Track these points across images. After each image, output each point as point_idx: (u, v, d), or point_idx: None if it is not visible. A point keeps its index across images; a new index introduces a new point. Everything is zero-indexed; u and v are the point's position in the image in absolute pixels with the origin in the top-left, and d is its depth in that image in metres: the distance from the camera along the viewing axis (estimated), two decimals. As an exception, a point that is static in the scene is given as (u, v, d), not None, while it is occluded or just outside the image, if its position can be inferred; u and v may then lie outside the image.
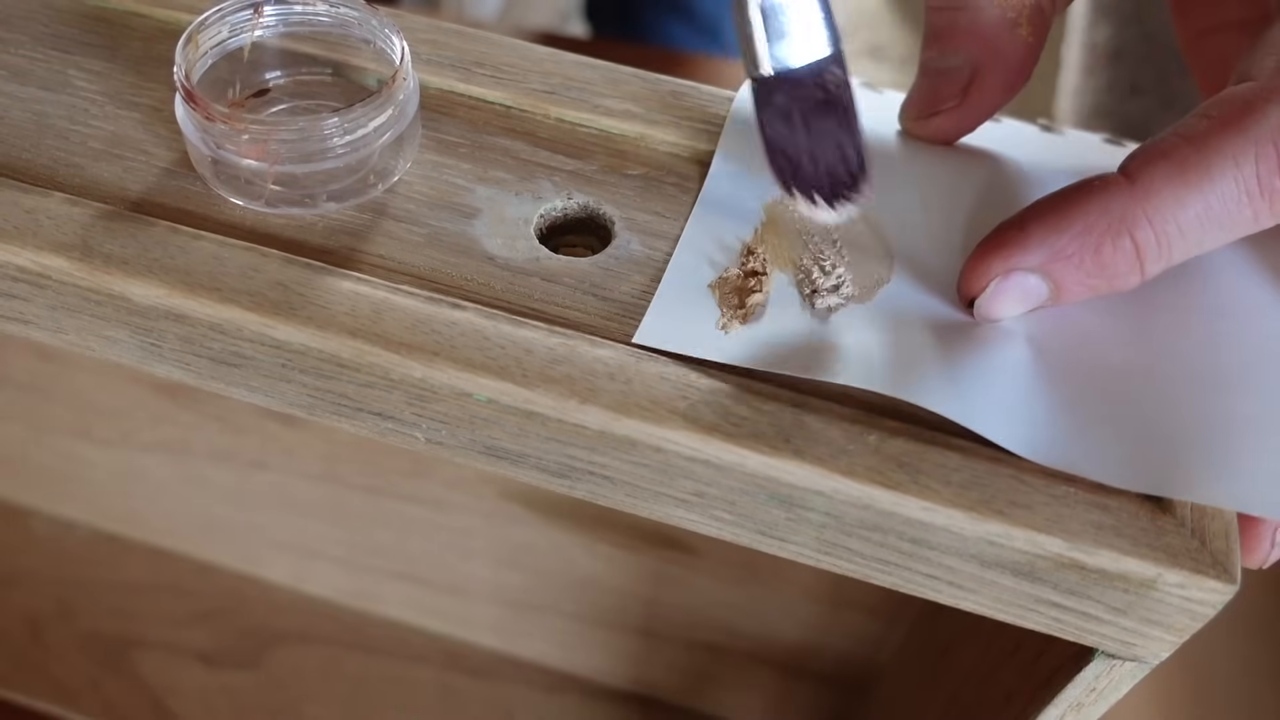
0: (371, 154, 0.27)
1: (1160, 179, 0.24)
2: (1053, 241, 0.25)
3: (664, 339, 0.26)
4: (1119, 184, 0.24)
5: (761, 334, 0.26)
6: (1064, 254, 0.25)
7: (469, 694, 0.57)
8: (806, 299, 0.27)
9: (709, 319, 0.26)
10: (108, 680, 0.56)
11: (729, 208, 0.28)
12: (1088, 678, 0.26)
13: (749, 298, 0.26)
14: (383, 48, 0.28)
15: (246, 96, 0.29)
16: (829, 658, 0.55)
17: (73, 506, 0.61)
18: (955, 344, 0.26)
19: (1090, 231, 0.24)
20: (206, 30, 0.28)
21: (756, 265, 0.27)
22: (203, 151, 0.27)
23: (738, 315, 0.26)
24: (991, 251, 0.25)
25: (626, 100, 0.31)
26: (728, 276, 0.27)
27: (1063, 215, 0.25)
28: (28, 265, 0.26)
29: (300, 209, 0.27)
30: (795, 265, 0.27)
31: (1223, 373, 0.26)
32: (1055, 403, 0.25)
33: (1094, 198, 0.25)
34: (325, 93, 0.30)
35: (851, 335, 0.26)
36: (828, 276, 0.27)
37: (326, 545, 0.57)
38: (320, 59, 0.30)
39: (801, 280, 0.27)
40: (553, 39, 0.84)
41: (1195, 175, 0.24)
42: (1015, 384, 0.25)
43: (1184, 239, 0.24)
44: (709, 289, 0.27)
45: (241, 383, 0.27)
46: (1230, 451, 0.24)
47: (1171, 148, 0.24)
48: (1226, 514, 0.24)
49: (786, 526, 0.25)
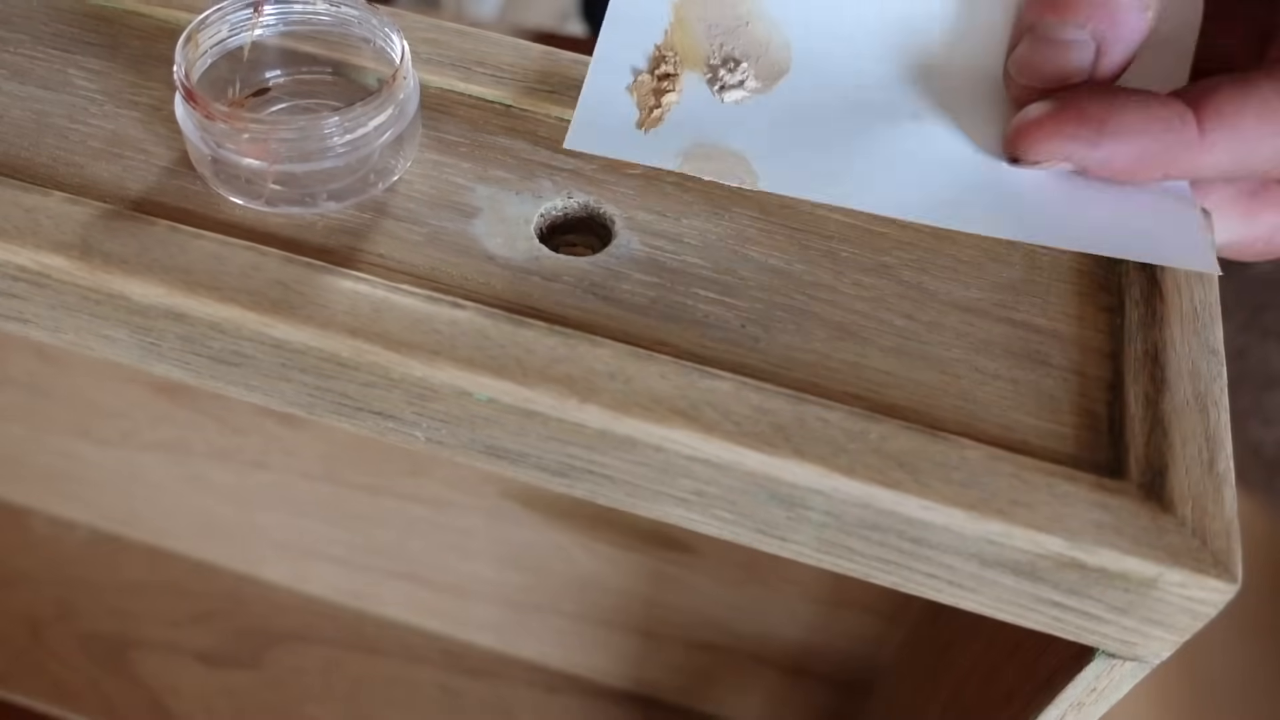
0: (372, 153, 0.27)
1: (1223, 144, 0.26)
2: (1115, 153, 0.27)
3: (591, 144, 0.28)
4: (1190, 132, 0.27)
5: (678, 132, 0.29)
6: (1114, 164, 0.27)
7: (469, 694, 0.57)
8: (716, 94, 0.29)
9: (629, 120, 0.29)
10: (108, 680, 0.56)
11: (640, 14, 0.31)
12: (1088, 677, 0.26)
13: (664, 97, 0.29)
14: (383, 47, 0.28)
15: (246, 96, 0.29)
16: (829, 658, 0.55)
17: (73, 506, 0.61)
18: (853, 132, 0.29)
19: (1145, 160, 0.27)
20: (206, 29, 0.28)
21: (669, 68, 0.30)
22: (202, 151, 0.27)
23: (654, 114, 0.29)
24: (1064, 137, 0.27)
25: (626, 99, 0.31)
26: (642, 79, 0.29)
27: (1137, 139, 0.27)
28: (27, 264, 0.26)
29: (300, 208, 0.27)
30: (704, 64, 0.30)
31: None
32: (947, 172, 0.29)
33: (1168, 136, 0.27)
34: (325, 92, 0.30)
35: (759, 132, 0.29)
36: (732, 73, 0.30)
37: (326, 545, 0.57)
38: (320, 58, 0.30)
39: (710, 78, 0.30)
40: (552, 38, 0.83)
41: (1245, 149, 0.26)
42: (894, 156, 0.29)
43: (1200, 177, 0.28)
44: (627, 92, 0.29)
45: (241, 382, 0.27)
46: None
47: (1244, 120, 0.26)
48: (1227, 513, 0.24)
49: (786, 525, 0.25)
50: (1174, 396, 0.26)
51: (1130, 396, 0.26)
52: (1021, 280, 0.28)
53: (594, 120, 0.29)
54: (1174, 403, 0.25)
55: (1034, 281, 0.28)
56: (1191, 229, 0.28)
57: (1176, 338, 0.27)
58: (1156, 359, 0.26)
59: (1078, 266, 0.28)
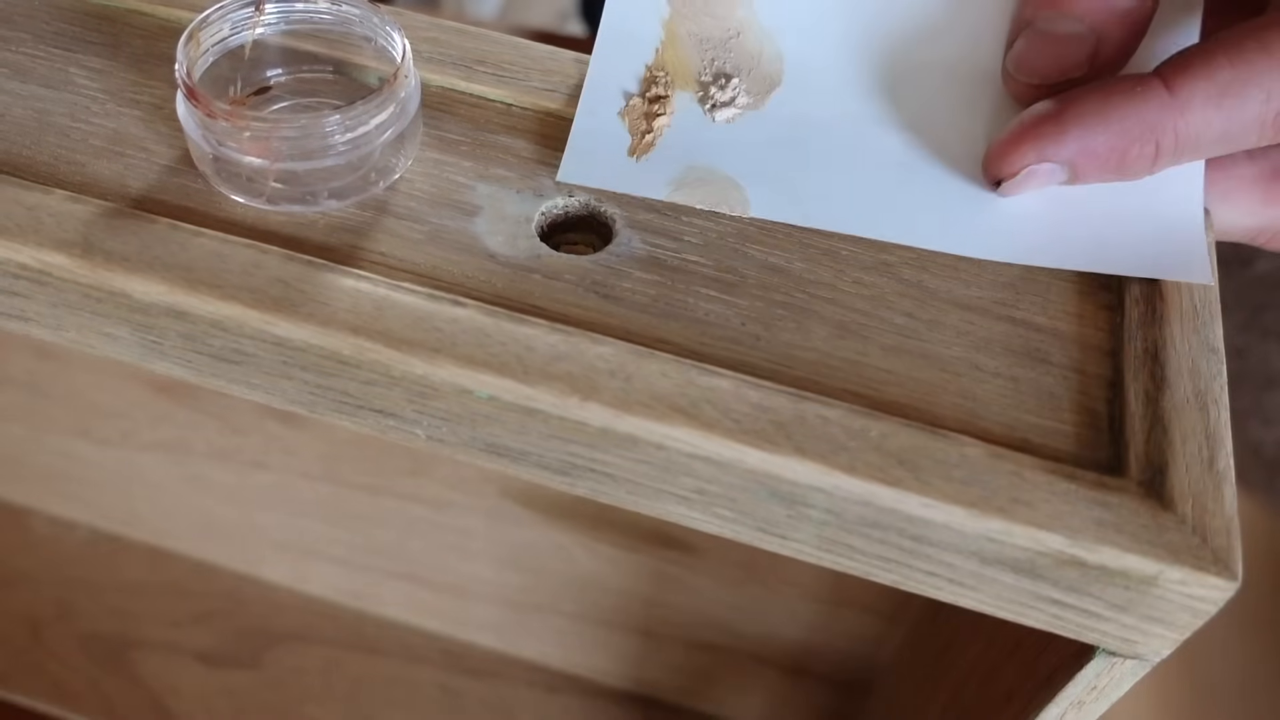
0: (373, 151, 0.27)
1: (1199, 97, 0.25)
2: (1087, 140, 0.26)
3: (584, 175, 0.28)
4: (1158, 93, 0.26)
5: (670, 157, 0.29)
6: (1094, 152, 0.26)
7: (469, 694, 0.57)
8: (707, 113, 0.29)
9: (621, 147, 0.29)
10: (108, 680, 0.56)
11: (630, 35, 0.31)
12: (1088, 676, 0.26)
13: (655, 121, 0.29)
14: (384, 45, 0.28)
15: (248, 94, 0.29)
16: (829, 658, 0.55)
17: (73, 506, 0.61)
18: (845, 152, 0.29)
19: (1123, 136, 0.26)
20: (208, 28, 0.28)
21: (660, 90, 0.30)
22: (204, 149, 0.27)
23: (646, 139, 0.29)
24: (1027, 141, 0.27)
25: (627, 98, 0.31)
26: (634, 104, 0.29)
27: (1101, 117, 0.26)
28: (29, 262, 0.26)
29: (301, 206, 0.27)
30: (696, 82, 0.30)
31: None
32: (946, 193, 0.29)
33: (1133, 103, 0.26)
34: (326, 90, 0.30)
35: (751, 154, 0.29)
36: (724, 90, 0.29)
37: (326, 545, 0.57)
38: (321, 57, 0.30)
39: (701, 96, 0.30)
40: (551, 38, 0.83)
41: (1230, 101, 0.25)
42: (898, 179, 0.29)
43: (1197, 150, 0.26)
44: (619, 117, 0.29)
45: (242, 380, 0.27)
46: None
47: (1216, 69, 0.25)
48: (1227, 511, 0.24)
49: (787, 523, 0.25)
50: (1174, 394, 0.26)
51: (1130, 394, 0.26)
52: (1021, 278, 0.28)
53: (586, 148, 0.29)
54: (1174, 400, 0.25)
55: (1034, 279, 0.28)
56: (1189, 238, 0.28)
57: (1176, 335, 0.27)
58: (1156, 357, 0.26)
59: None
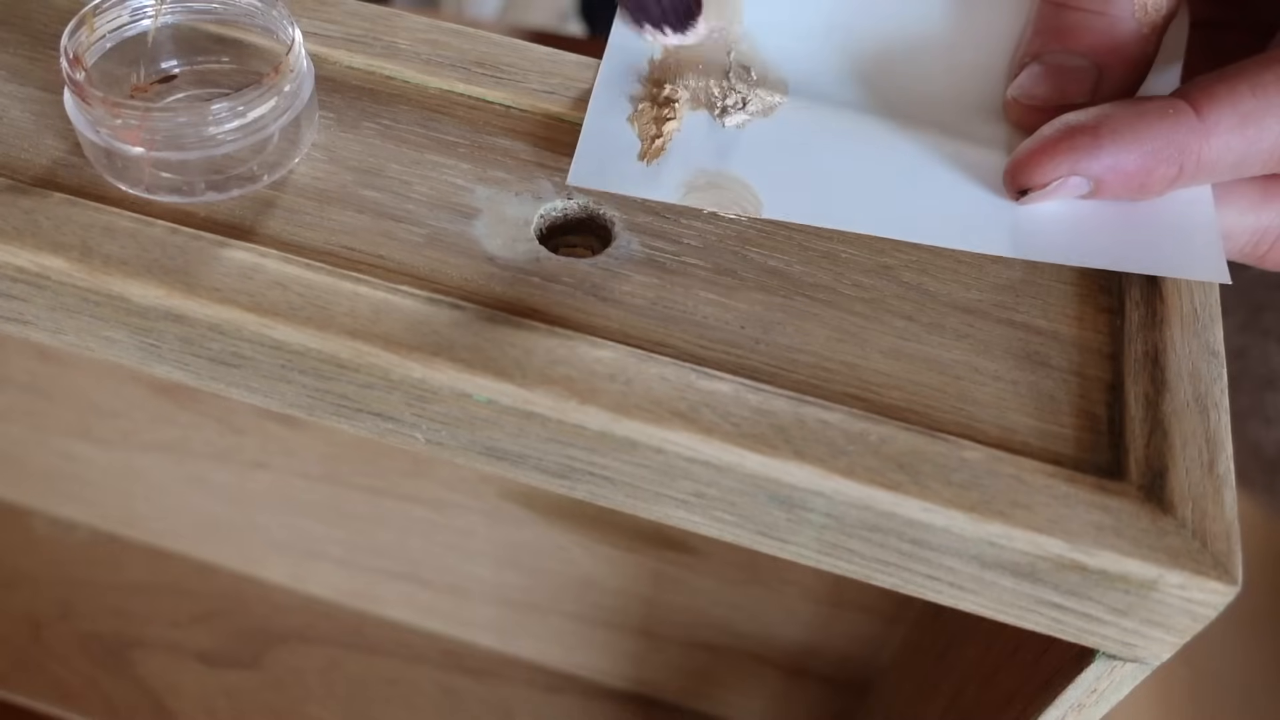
0: (259, 143, 0.27)
1: (1225, 124, 0.26)
2: (1120, 157, 0.27)
3: (594, 179, 0.28)
4: (1188, 118, 0.26)
5: (680, 161, 0.29)
6: (1124, 170, 0.27)
7: (469, 694, 0.57)
8: (717, 119, 0.29)
9: (631, 153, 0.29)
10: (108, 680, 0.56)
11: (639, 41, 0.31)
12: (1088, 679, 0.26)
13: (665, 125, 0.29)
14: (282, 38, 0.28)
15: (150, 83, 0.29)
16: (829, 658, 0.55)
17: (73, 507, 0.61)
18: (854, 154, 0.29)
19: (1153, 156, 0.26)
20: (103, 14, 0.28)
21: (670, 93, 0.29)
22: (88, 137, 0.27)
23: (656, 144, 0.29)
24: (1061, 153, 0.27)
25: (626, 100, 0.31)
26: (643, 108, 0.29)
27: (1135, 135, 0.26)
28: (27, 266, 0.26)
29: (179, 196, 0.27)
30: (705, 89, 0.30)
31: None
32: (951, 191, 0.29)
33: (1164, 124, 0.26)
34: (226, 81, 0.30)
35: (761, 156, 0.29)
36: (733, 96, 0.30)
37: (326, 545, 0.57)
38: (222, 47, 0.30)
39: (710, 103, 0.30)
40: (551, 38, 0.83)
41: (1251, 130, 0.26)
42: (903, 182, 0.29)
43: (1212, 174, 0.27)
44: (628, 122, 0.29)
45: (241, 383, 0.27)
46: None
47: (1240, 98, 0.26)
48: (1227, 515, 0.24)
49: (787, 527, 0.25)
50: (1174, 398, 0.26)
51: (1130, 398, 0.26)
52: (1021, 281, 0.28)
53: (596, 153, 0.29)
54: (1174, 404, 0.25)
55: (1034, 283, 0.28)
56: (1204, 236, 0.28)
57: (1176, 339, 0.27)
58: (1156, 360, 0.26)
59: (1078, 268, 0.28)
